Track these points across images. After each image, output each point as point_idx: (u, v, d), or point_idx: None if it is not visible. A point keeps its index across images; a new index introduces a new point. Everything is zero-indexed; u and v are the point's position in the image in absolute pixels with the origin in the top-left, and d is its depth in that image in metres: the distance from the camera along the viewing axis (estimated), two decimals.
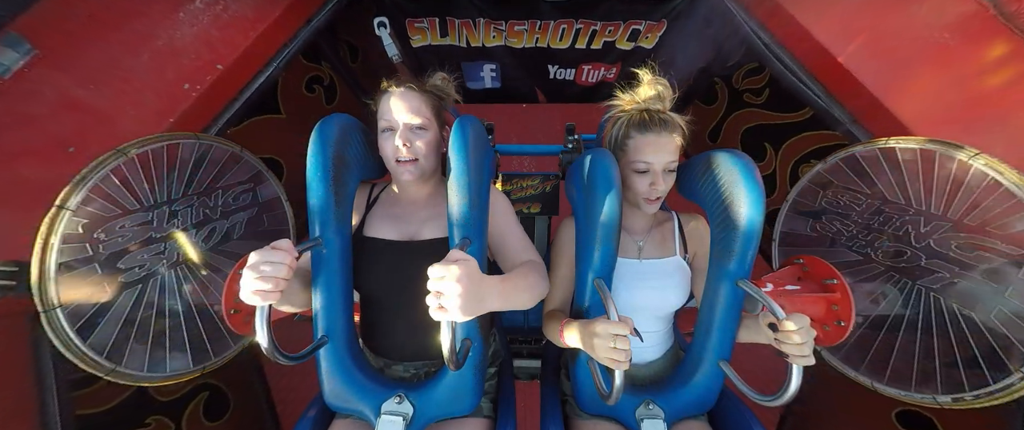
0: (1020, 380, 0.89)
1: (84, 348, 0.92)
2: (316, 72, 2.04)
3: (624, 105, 0.95)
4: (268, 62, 1.42)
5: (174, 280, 1.11)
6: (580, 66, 2.20)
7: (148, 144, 1.05)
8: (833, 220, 1.27)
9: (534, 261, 0.92)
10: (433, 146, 0.92)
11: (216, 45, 1.29)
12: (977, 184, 0.96)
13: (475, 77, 2.27)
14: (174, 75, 1.23)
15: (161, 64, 1.24)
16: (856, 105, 1.28)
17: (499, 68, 2.22)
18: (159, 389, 1.28)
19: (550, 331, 0.92)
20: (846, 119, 1.30)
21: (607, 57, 2.12)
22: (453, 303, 0.62)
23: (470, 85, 2.32)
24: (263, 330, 0.69)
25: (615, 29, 1.95)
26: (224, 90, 1.32)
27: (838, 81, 1.29)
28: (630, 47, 2.06)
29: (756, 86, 1.95)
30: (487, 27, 1.95)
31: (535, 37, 2.00)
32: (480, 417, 0.96)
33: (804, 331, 0.69)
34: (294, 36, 1.49)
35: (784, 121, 1.80)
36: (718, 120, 2.25)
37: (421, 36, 2.03)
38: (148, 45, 1.25)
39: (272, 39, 1.42)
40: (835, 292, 0.85)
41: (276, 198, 1.40)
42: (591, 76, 2.26)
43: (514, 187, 1.42)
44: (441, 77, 1.04)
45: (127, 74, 1.20)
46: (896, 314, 1.11)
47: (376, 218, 0.98)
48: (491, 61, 2.17)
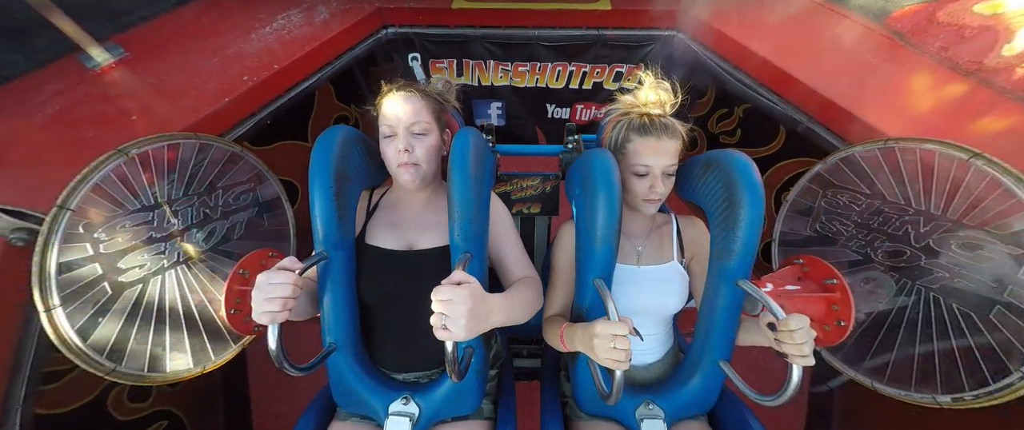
0: (1020, 380, 0.89)
1: (84, 348, 0.91)
2: (344, 112, 2.36)
3: (624, 108, 0.95)
4: (313, 73, 1.71)
5: (174, 280, 1.11)
6: (574, 105, 2.49)
7: (148, 144, 1.05)
8: (833, 220, 1.27)
9: (531, 277, 0.93)
10: (434, 150, 0.92)
11: (276, 52, 1.62)
12: (977, 184, 0.96)
13: (483, 114, 2.60)
14: (236, 71, 1.50)
15: (227, 65, 1.53)
16: (820, 112, 1.47)
17: (505, 106, 2.52)
18: (118, 406, 1.21)
19: (550, 335, 0.92)
20: (804, 119, 1.52)
21: (596, 97, 2.42)
22: (458, 325, 0.64)
23: (477, 122, 2.60)
24: (274, 344, 0.72)
25: (602, 71, 2.29)
26: (275, 87, 1.56)
27: (792, 90, 1.54)
28: (615, 87, 2.36)
29: (729, 128, 2.20)
30: (496, 68, 2.29)
31: (536, 77, 2.33)
32: (481, 418, 0.96)
33: (804, 331, 0.69)
34: (339, 56, 1.80)
35: (759, 155, 1.96)
36: None
37: (441, 75, 2.34)
38: (220, 53, 1.59)
39: (319, 56, 1.72)
40: (835, 292, 0.85)
41: (276, 198, 1.40)
42: (584, 115, 2.55)
43: (514, 187, 1.42)
44: (443, 81, 1.05)
45: (197, 70, 1.49)
46: (896, 314, 1.11)
47: (376, 225, 0.98)
48: (498, 99, 2.49)
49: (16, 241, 0.90)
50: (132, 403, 1.23)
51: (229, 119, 1.41)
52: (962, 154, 0.98)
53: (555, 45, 2.12)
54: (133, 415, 1.25)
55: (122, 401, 1.21)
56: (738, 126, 2.12)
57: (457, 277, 0.68)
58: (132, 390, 1.22)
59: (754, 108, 1.81)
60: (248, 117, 1.47)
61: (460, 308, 0.64)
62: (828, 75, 1.48)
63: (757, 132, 1.96)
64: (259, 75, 1.49)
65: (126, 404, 1.22)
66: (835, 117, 1.39)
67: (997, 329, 0.94)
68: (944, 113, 1.29)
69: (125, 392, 1.20)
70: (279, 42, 1.68)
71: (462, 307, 0.64)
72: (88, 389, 1.12)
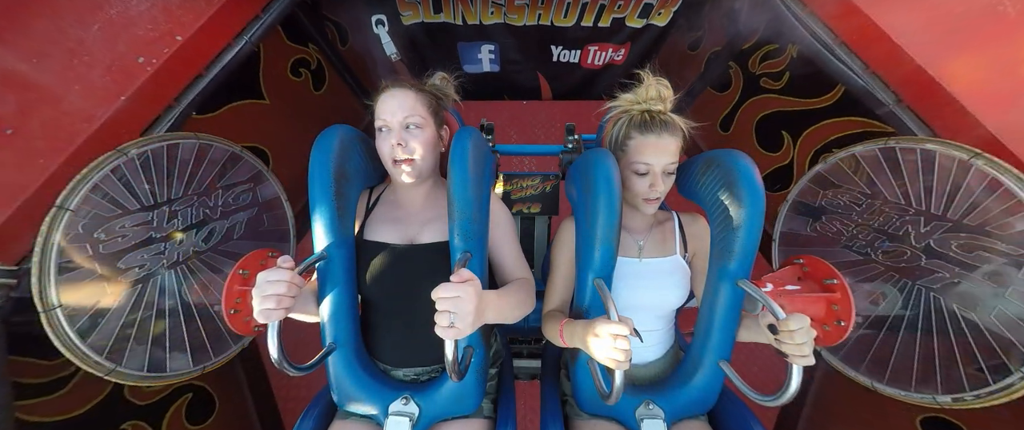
0: (1020, 380, 0.89)
1: (84, 348, 0.91)
2: (301, 54, 1.87)
3: (625, 105, 0.95)
4: (239, 33, 1.30)
5: (174, 280, 1.11)
6: (586, 47, 2.02)
7: (148, 144, 1.05)
8: (833, 220, 1.27)
9: (526, 279, 0.94)
10: (430, 145, 0.92)
11: (175, 13, 1.14)
12: (977, 184, 0.96)
13: (472, 60, 2.10)
14: (127, 47, 1.09)
15: (113, 35, 1.09)
16: (903, 84, 1.16)
17: (498, 50, 2.04)
18: (136, 391, 1.21)
19: (549, 331, 0.92)
20: (890, 100, 1.18)
21: (615, 36, 1.94)
22: (466, 322, 0.65)
23: (466, 69, 2.16)
24: (274, 343, 0.72)
25: (626, 3, 1.77)
26: (187, 65, 1.19)
27: (882, 56, 1.17)
28: (641, 25, 1.88)
29: (775, 69, 1.76)
30: (485, 2, 1.78)
31: (537, 13, 1.82)
32: (481, 417, 0.96)
33: (804, 331, 0.69)
34: (268, 5, 1.37)
35: (805, 107, 1.63)
36: (731, 108, 2.05)
37: (412, 12, 1.84)
38: (99, 15, 1.11)
39: (241, 8, 1.29)
40: (835, 292, 0.85)
41: (276, 198, 1.40)
42: (598, 58, 2.09)
43: (514, 187, 1.42)
44: (441, 77, 1.04)
45: (75, 46, 1.07)
46: (896, 314, 1.11)
47: (376, 221, 0.98)
48: (489, 41, 2.00)
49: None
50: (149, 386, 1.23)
51: (134, 121, 1.10)
52: (962, 154, 0.98)
53: None
54: (154, 397, 1.26)
55: (140, 387, 1.18)
56: (787, 69, 1.69)
57: (463, 275, 0.69)
58: None
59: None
60: (165, 111, 1.16)
61: (467, 305, 0.65)
62: (942, 38, 1.08)
63: (810, 79, 1.57)
64: (157, 55, 1.09)
65: (144, 388, 1.20)
66: (931, 105, 1.09)
67: (997, 329, 0.94)
68: None
69: None
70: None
71: (469, 305, 0.65)
72: (100, 387, 1.10)
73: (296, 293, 0.74)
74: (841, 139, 1.48)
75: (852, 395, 1.29)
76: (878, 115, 1.26)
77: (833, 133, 1.53)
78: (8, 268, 0.90)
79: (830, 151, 1.28)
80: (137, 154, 1.03)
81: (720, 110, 2.11)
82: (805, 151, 1.67)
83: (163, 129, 1.14)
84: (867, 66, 1.21)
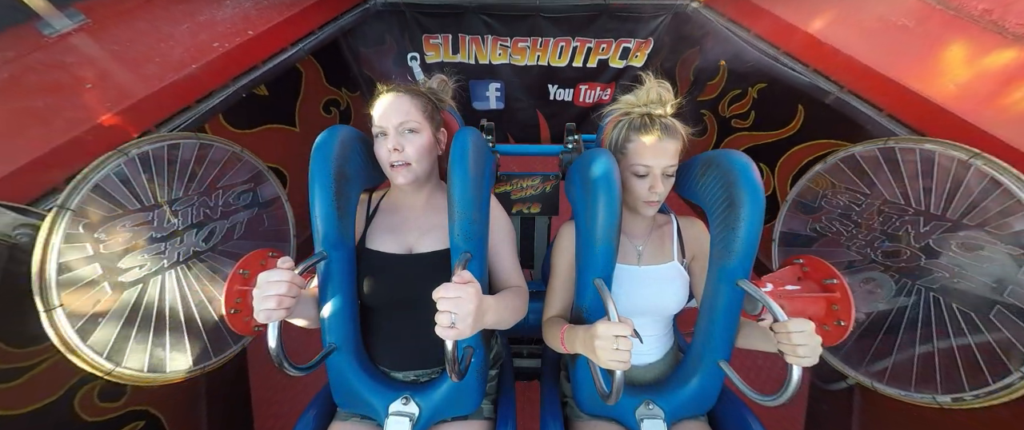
0: (1020, 380, 0.89)
1: (84, 348, 0.91)
2: (335, 96, 2.17)
3: (625, 107, 0.95)
4: (293, 43, 1.60)
5: (174, 280, 1.11)
6: (578, 86, 2.34)
7: (148, 144, 1.05)
8: (833, 220, 1.27)
9: (521, 288, 0.95)
10: (426, 149, 0.91)
11: (251, 18, 1.49)
12: (976, 184, 0.96)
13: (482, 96, 2.42)
14: (207, 37, 1.37)
15: (197, 31, 1.40)
16: (854, 80, 1.32)
17: (504, 88, 2.36)
18: (88, 407, 1.12)
19: (550, 337, 0.91)
20: (834, 89, 1.36)
21: (602, 76, 2.27)
22: (466, 323, 0.66)
23: (475, 105, 2.45)
24: (274, 344, 0.72)
25: (608, 47, 2.12)
26: (249, 56, 1.44)
27: (834, 65, 1.38)
28: (622, 65, 2.21)
29: (741, 111, 2.03)
30: (494, 44, 2.12)
31: (536, 54, 2.16)
32: (481, 418, 0.96)
33: (804, 335, 0.69)
34: (322, 26, 1.70)
35: (774, 139, 1.85)
36: (713, 148, 2.30)
37: (435, 53, 2.19)
38: (190, 19, 1.46)
39: (300, 23, 1.61)
40: (835, 292, 0.85)
41: (276, 198, 1.40)
42: (588, 96, 2.40)
43: (514, 187, 1.42)
44: (438, 79, 1.04)
45: (163, 37, 1.37)
46: (896, 314, 1.11)
47: (377, 230, 0.98)
48: (496, 80, 2.31)
49: (20, 238, 0.89)
50: (103, 402, 1.14)
51: (198, 89, 1.29)
52: (962, 154, 0.98)
53: (557, 17, 1.96)
54: (104, 415, 1.15)
55: (92, 400, 1.12)
56: (752, 108, 1.96)
57: (464, 276, 0.69)
58: (104, 389, 1.12)
59: (770, 87, 1.71)
60: (220, 88, 1.35)
61: (468, 306, 0.66)
62: (862, 40, 1.36)
63: (773, 114, 1.83)
64: (231, 41, 1.36)
65: (97, 403, 1.13)
66: (871, 85, 1.27)
67: (997, 329, 0.94)
68: (992, 77, 1.18)
69: (96, 390, 1.12)
70: (255, 8, 1.55)
71: (470, 305, 0.66)
72: (52, 388, 1.03)
73: (297, 293, 0.74)
74: (813, 161, 1.59)
75: None
76: (837, 134, 1.46)
77: (805, 157, 1.70)
78: (35, 210, 0.93)
79: (803, 173, 1.39)
80: (137, 154, 1.03)
81: (701, 152, 2.33)
82: (784, 177, 1.83)
83: (190, 120, 1.28)
84: (807, 65, 1.45)
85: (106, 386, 1.10)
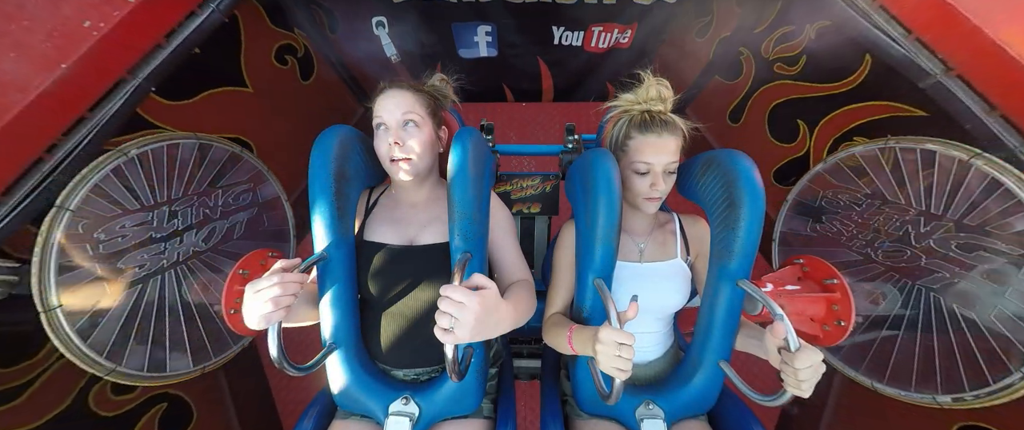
0: (1020, 380, 0.89)
1: (84, 348, 0.91)
2: (287, 40, 1.75)
3: (625, 105, 0.95)
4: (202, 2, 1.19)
5: (174, 280, 1.11)
6: (589, 28, 1.85)
7: (148, 144, 1.05)
8: (833, 220, 1.27)
9: (526, 281, 0.93)
10: (427, 145, 0.91)
11: None
12: (977, 184, 0.96)
13: (468, 43, 1.93)
14: (72, 11, 0.98)
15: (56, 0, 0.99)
16: (954, 49, 1.02)
17: (495, 31, 1.87)
18: (102, 402, 1.11)
19: (554, 337, 0.91)
20: (936, 70, 1.05)
21: (621, 16, 1.79)
22: (464, 330, 0.63)
23: (462, 53, 1.99)
24: (274, 343, 0.71)
25: None
26: (143, 33, 1.07)
27: (930, 19, 1.04)
28: (649, 1, 1.73)
29: (791, 53, 1.62)
30: None
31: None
32: (481, 418, 0.96)
33: (810, 370, 0.66)
34: None
35: (824, 93, 1.51)
36: (742, 97, 1.94)
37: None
38: None
39: None
40: (835, 292, 0.85)
41: (276, 198, 1.40)
42: (602, 40, 1.91)
43: (514, 187, 1.42)
44: (439, 77, 1.04)
45: (11, 10, 0.97)
46: (896, 314, 1.11)
47: (376, 222, 0.98)
48: (486, 21, 1.83)
49: None
50: (118, 396, 1.15)
51: (89, 88, 1.00)
52: (962, 154, 0.98)
53: None
54: (121, 408, 1.15)
55: (105, 396, 1.12)
56: (804, 51, 1.57)
57: (477, 281, 0.67)
58: (115, 384, 1.09)
59: (836, 26, 1.34)
60: (118, 83, 1.04)
61: (470, 315, 0.63)
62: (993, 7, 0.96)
63: (830, 61, 1.44)
64: (107, 19, 0.98)
65: (111, 398, 1.13)
66: (991, 69, 0.96)
67: (997, 329, 0.94)
68: None
69: (108, 386, 1.11)
70: None
71: (472, 315, 0.63)
72: (61, 395, 1.02)
73: (295, 291, 0.73)
74: (864, 126, 1.36)
75: (878, 407, 1.20)
76: (909, 98, 1.17)
77: (855, 120, 1.40)
78: (9, 265, 0.90)
79: (851, 140, 1.21)
80: (137, 154, 1.03)
81: (729, 100, 2.00)
82: (823, 141, 1.55)
83: (116, 105, 1.02)
84: (910, 32, 1.08)
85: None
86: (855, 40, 1.24)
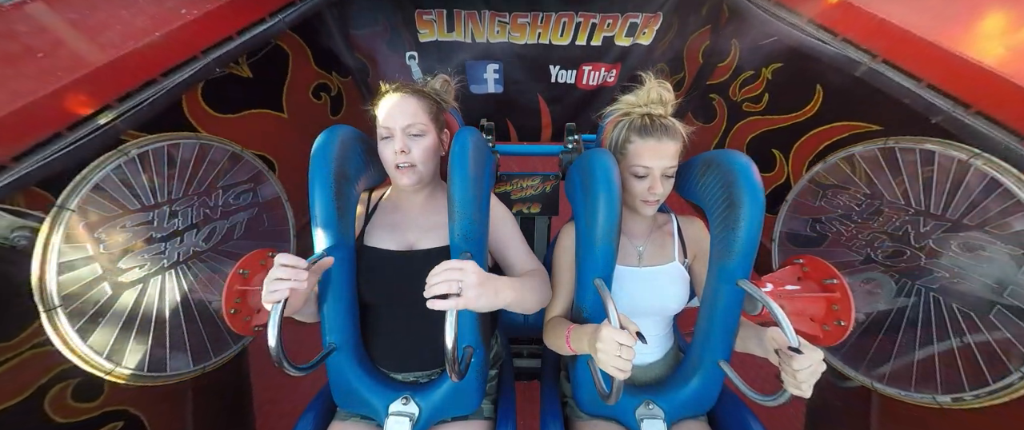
0: (1020, 380, 0.89)
1: (84, 348, 0.91)
2: (325, 80, 2.06)
3: (626, 107, 0.95)
4: (271, 14, 1.48)
5: (174, 280, 1.11)
6: (581, 67, 2.19)
7: (148, 144, 1.05)
8: (833, 220, 1.27)
9: (538, 270, 0.94)
10: (431, 151, 0.92)
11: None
12: (977, 184, 0.96)
13: (479, 79, 2.26)
14: (173, 3, 1.25)
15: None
16: (890, 48, 1.21)
17: (502, 69, 2.21)
18: (60, 408, 1.05)
19: (554, 338, 0.91)
20: (865, 58, 1.22)
21: (607, 55, 2.13)
22: (471, 293, 0.65)
23: (473, 89, 2.32)
24: (274, 343, 0.71)
25: (614, 22, 1.98)
26: (221, 25, 1.33)
27: (867, 31, 1.25)
28: (628, 43, 2.07)
29: (754, 93, 1.92)
30: (492, 20, 1.99)
31: (537, 32, 2.03)
32: (481, 418, 0.96)
33: (811, 371, 0.67)
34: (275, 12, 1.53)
35: (789, 123, 1.72)
36: (720, 136, 2.22)
37: (429, 30, 2.06)
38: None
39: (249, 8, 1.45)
40: (835, 292, 0.85)
41: (277, 198, 1.40)
42: (592, 78, 2.24)
43: (514, 187, 1.42)
44: (441, 79, 1.05)
45: (125, 3, 1.27)
46: (896, 315, 1.11)
47: (376, 227, 0.98)
48: (494, 61, 2.17)
49: (18, 241, 0.89)
50: (78, 402, 1.09)
51: (163, 60, 1.19)
52: (962, 154, 0.98)
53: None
54: (78, 416, 1.09)
55: (64, 401, 1.06)
56: (765, 90, 1.84)
57: (456, 263, 0.69)
58: (78, 389, 1.08)
59: (786, 67, 1.62)
60: (190, 60, 1.24)
61: (471, 276, 0.65)
62: (898, 3, 1.23)
63: (788, 95, 1.71)
64: (200, 8, 1.25)
65: (70, 404, 1.07)
66: (909, 52, 1.15)
67: (997, 329, 0.94)
68: None
69: (69, 390, 1.07)
70: None
71: (473, 276, 0.66)
72: (17, 389, 0.98)
73: (304, 285, 0.73)
74: (831, 146, 1.51)
75: None
76: (863, 116, 1.36)
77: (823, 141, 1.58)
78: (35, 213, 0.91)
79: (824, 159, 1.31)
80: (137, 154, 1.03)
81: (710, 139, 2.28)
82: (798, 164, 1.72)
83: (147, 101, 1.15)
84: (836, 34, 1.32)
85: (80, 386, 1.07)
86: (805, 74, 1.49)
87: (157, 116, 1.15)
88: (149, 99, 1.14)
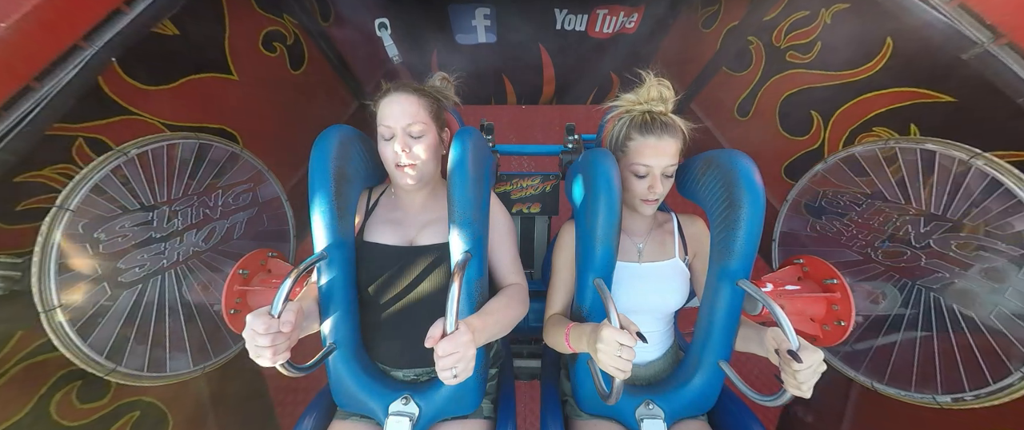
0: (1020, 380, 0.89)
1: (84, 348, 0.91)
2: (275, 26, 1.64)
3: (626, 105, 0.95)
4: None
5: (174, 280, 1.11)
6: (594, 11, 1.76)
7: (148, 144, 1.05)
8: (833, 220, 1.27)
9: (519, 285, 0.94)
10: (432, 150, 0.92)
11: None
12: (977, 184, 0.96)
13: (466, 28, 1.82)
14: None
15: None
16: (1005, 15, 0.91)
17: (494, 15, 1.76)
18: (67, 411, 1.00)
19: (553, 337, 0.91)
20: (983, 38, 0.93)
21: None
22: (467, 369, 0.68)
23: (459, 39, 1.87)
24: None
25: None
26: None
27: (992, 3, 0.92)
28: None
29: (804, 40, 1.54)
30: None
31: None
32: (481, 418, 0.96)
33: (809, 371, 0.66)
34: None
35: (840, 82, 1.41)
36: (751, 89, 1.85)
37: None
38: None
39: None
40: (835, 292, 0.85)
41: (276, 198, 1.40)
42: (607, 24, 1.81)
43: (514, 187, 1.42)
44: (441, 77, 1.04)
45: None
46: (896, 314, 1.11)
47: (376, 223, 0.98)
48: (484, 4, 1.74)
49: None
50: (84, 404, 1.05)
51: (34, 55, 0.88)
52: (962, 154, 0.98)
53: None
54: (87, 417, 1.05)
55: (70, 404, 1.02)
56: (819, 37, 1.50)
57: (459, 331, 0.67)
58: (82, 390, 1.03)
59: (854, 8, 1.29)
60: (71, 50, 0.93)
61: (467, 357, 0.67)
62: None
63: (846, 47, 1.37)
64: None
65: (76, 406, 1.03)
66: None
67: (997, 329, 0.94)
68: None
69: (74, 393, 1.02)
70: None
71: (469, 353, 0.67)
72: (15, 406, 0.94)
73: (290, 329, 0.71)
74: (884, 115, 1.27)
75: None
76: (935, 83, 1.09)
77: (874, 109, 1.30)
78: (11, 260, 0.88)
79: (870, 131, 1.14)
80: (137, 154, 1.03)
81: (737, 93, 1.91)
82: (838, 133, 1.44)
83: (70, 74, 0.92)
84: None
85: (83, 388, 1.03)
86: (876, 23, 1.16)
87: (69, 105, 0.93)
88: (76, 66, 0.91)
